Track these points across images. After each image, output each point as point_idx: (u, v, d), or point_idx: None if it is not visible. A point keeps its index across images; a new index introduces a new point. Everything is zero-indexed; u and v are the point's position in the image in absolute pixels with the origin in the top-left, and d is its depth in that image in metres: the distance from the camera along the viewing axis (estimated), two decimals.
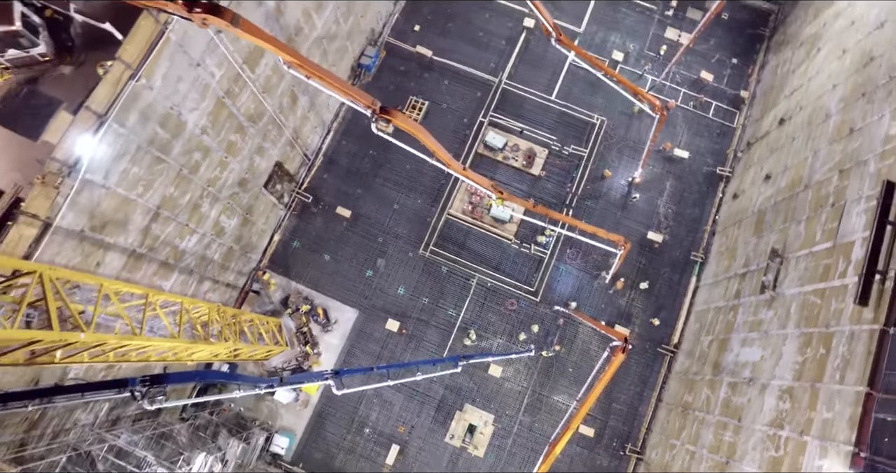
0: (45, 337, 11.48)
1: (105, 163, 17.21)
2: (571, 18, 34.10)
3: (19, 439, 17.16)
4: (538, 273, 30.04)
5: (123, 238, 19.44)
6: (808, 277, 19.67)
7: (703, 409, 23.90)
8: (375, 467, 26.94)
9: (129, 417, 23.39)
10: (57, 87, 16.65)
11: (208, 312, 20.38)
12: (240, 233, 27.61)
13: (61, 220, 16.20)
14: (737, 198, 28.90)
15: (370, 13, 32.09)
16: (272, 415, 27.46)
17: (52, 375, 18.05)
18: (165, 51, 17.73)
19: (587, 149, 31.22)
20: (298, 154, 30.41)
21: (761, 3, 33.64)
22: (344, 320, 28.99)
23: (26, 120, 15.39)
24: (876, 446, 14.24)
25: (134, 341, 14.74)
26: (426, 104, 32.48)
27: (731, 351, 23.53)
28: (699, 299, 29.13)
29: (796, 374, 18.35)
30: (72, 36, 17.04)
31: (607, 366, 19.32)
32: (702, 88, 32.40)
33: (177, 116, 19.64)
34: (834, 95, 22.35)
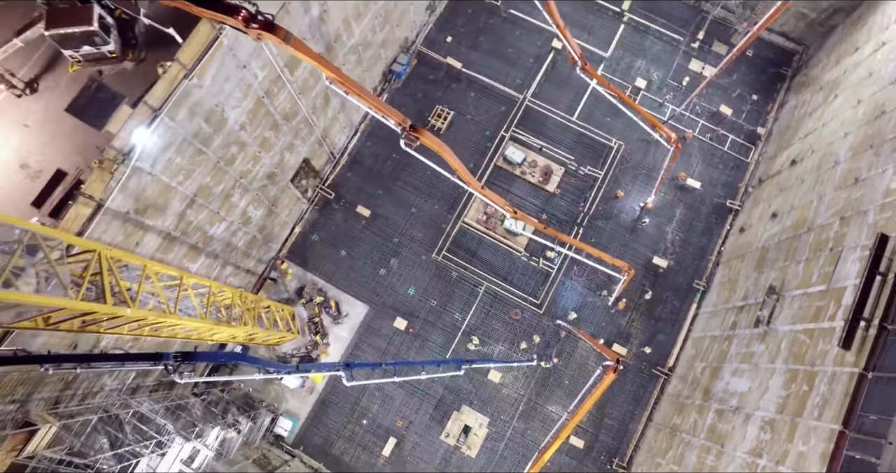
0: (99, 310, 12.91)
1: (153, 152, 18.68)
2: (600, 42, 35.12)
3: (55, 396, 18.72)
4: (544, 286, 31.14)
5: (161, 221, 20.94)
6: (800, 316, 20.58)
7: (689, 432, 24.86)
8: (371, 457, 28.27)
9: (146, 387, 24.97)
10: (120, 82, 18.15)
11: (231, 297, 21.82)
12: (264, 224, 29.08)
13: (111, 202, 17.70)
14: (743, 231, 29.74)
15: (405, 22, 33.37)
16: (278, 398, 28.91)
17: (87, 342, 19.59)
18: (217, 53, 19.15)
19: (602, 171, 32.25)
20: (325, 152, 31.81)
21: (787, 43, 34.36)
22: (354, 314, 30.34)
23: (94, 111, 16.91)
24: None
25: (168, 319, 16.18)
26: (451, 114, 33.72)
27: (722, 379, 24.45)
28: (697, 326, 30.02)
29: (779, 407, 19.30)
30: (136, 34, 18.53)
31: (599, 384, 20.38)
32: (720, 121, 33.23)
33: (220, 113, 21.09)
34: (844, 143, 23.18)
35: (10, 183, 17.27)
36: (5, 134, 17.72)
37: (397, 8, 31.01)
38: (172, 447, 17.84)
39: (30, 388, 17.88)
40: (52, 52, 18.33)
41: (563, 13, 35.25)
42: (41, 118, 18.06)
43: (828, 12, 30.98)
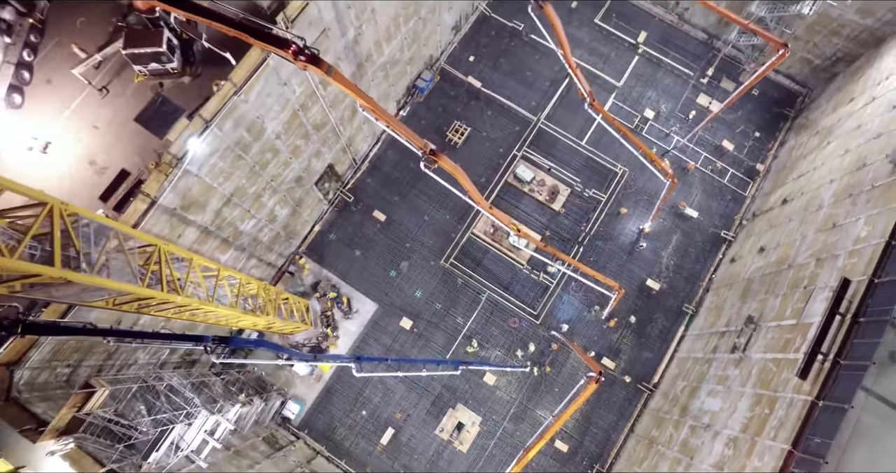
0: (157, 296, 15.28)
1: (201, 157, 21.09)
2: (614, 71, 37.09)
3: (99, 364, 21.23)
4: (543, 298, 33.20)
5: (201, 217, 23.39)
6: (771, 346, 22.49)
7: (665, 444, 26.82)
8: (370, 445, 30.56)
9: (171, 363, 27.49)
10: (178, 94, 20.57)
11: (257, 288, 24.18)
12: (287, 222, 31.49)
13: (163, 199, 20.17)
14: (734, 262, 31.59)
15: (432, 42, 35.61)
16: (288, 383, 31.31)
17: (128, 319, 22.05)
18: (263, 73, 21.51)
19: (606, 194, 34.25)
20: (349, 158, 34.16)
21: (792, 84, 36.08)
22: (364, 311, 32.66)
23: (157, 121, 19.33)
24: None
25: (207, 306, 18.54)
26: (468, 130, 35.90)
27: (699, 398, 26.38)
28: (683, 347, 31.90)
29: (743, 427, 21.27)
30: (194, 53, 20.95)
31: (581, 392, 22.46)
32: (722, 155, 35.06)
33: (260, 124, 23.48)
34: (830, 189, 25.01)
35: (80, 176, 19.78)
36: (79, 133, 20.23)
37: (426, 28, 33.25)
38: (198, 418, 20.23)
39: (81, 356, 20.41)
40: (121, 63, 20.82)
41: (582, 41, 37.57)
42: (108, 121, 20.55)
43: (831, 60, 32.72)
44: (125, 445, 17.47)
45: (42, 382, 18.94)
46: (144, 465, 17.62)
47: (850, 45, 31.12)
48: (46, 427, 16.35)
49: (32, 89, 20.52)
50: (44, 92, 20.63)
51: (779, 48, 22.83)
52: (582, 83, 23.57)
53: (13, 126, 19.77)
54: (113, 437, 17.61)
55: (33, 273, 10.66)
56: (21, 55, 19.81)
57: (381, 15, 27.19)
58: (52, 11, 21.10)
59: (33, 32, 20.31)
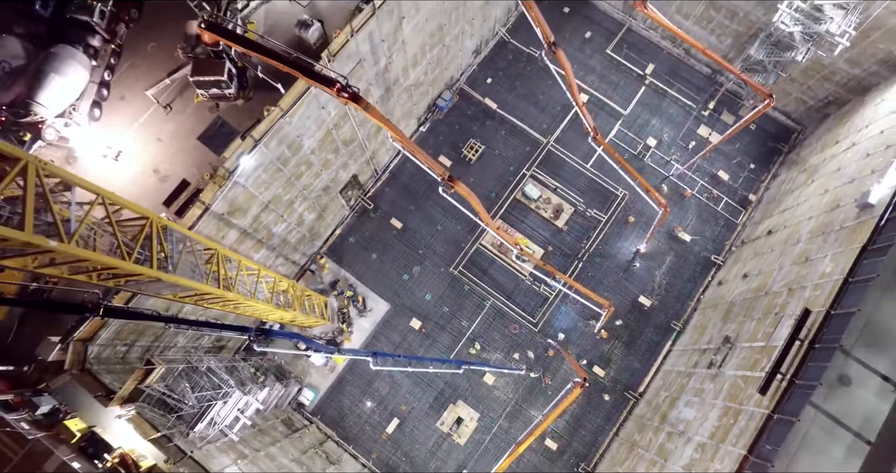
0: (213, 292, 18.30)
1: (248, 170, 24.12)
2: (622, 99, 39.73)
3: (148, 345, 24.39)
4: (542, 308, 35.96)
5: (242, 221, 26.44)
6: (742, 365, 25.11)
7: (644, 448, 29.50)
8: (376, 433, 33.52)
9: (203, 348, 30.65)
10: (232, 115, 23.64)
11: (287, 286, 27.24)
12: (313, 225, 34.53)
13: (214, 206, 23.23)
14: (721, 285, 34.12)
15: (453, 65, 38.48)
16: (304, 372, 34.37)
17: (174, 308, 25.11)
18: (306, 99, 24.49)
19: (606, 215, 36.93)
20: (371, 169, 37.14)
21: (788, 121, 38.48)
22: (377, 310, 35.62)
23: (216, 141, 22.40)
24: None
25: (249, 301, 21.57)
26: (482, 148, 38.72)
27: (677, 408, 29.02)
28: (669, 361, 34.48)
29: (711, 435, 23.92)
30: (248, 79, 24.00)
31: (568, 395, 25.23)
32: (718, 184, 37.58)
33: (299, 141, 26.46)
34: (808, 225, 27.52)
35: (145, 182, 22.91)
36: (145, 144, 23.38)
37: (448, 54, 36.14)
38: (233, 397, 23.25)
39: (136, 337, 23.57)
40: (184, 85, 23.94)
41: (594, 69, 40.27)
42: (171, 135, 23.68)
43: (823, 102, 35.14)
44: (176, 416, 20.54)
45: (105, 357, 22.09)
46: (191, 434, 20.68)
47: (840, 91, 33.55)
48: (114, 395, 19.47)
49: (109, 104, 23.71)
50: (118, 107, 23.81)
51: (765, 97, 25.39)
52: (587, 119, 26.29)
53: (93, 136, 22.93)
54: (165, 408, 20.68)
55: (139, 273, 13.67)
56: (102, 75, 22.97)
57: (410, 45, 30.13)
58: (128, 37, 24.27)
59: (113, 55, 23.49)
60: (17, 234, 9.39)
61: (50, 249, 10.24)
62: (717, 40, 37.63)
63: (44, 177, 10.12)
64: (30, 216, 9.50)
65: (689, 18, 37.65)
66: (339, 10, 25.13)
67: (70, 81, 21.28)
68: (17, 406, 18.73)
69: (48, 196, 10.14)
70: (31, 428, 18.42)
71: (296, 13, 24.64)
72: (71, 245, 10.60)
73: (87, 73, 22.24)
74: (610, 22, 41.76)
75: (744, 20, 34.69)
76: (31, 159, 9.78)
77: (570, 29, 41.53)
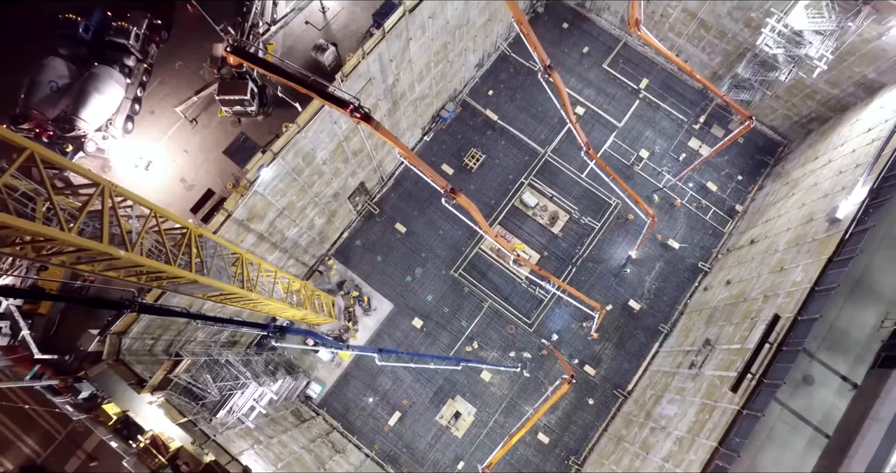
0: (238, 292, 20.43)
1: (266, 180, 26.27)
2: (617, 111, 41.73)
3: (171, 339, 26.58)
4: (537, 310, 38.02)
5: (259, 226, 28.61)
6: (720, 365, 27.12)
7: (630, 442, 31.54)
8: (379, 425, 35.67)
9: (220, 342, 32.83)
10: (252, 130, 25.79)
11: (300, 287, 29.37)
12: (322, 229, 36.68)
13: (236, 213, 25.40)
14: (706, 290, 36.09)
15: (457, 78, 40.55)
16: (312, 367, 36.53)
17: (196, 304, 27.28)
18: (320, 116, 26.63)
19: (599, 223, 38.96)
20: (377, 176, 39.27)
21: (775, 135, 40.40)
22: (381, 309, 37.75)
23: (240, 154, 24.55)
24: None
25: (266, 300, 23.70)
26: (483, 157, 40.79)
27: (661, 405, 31.03)
28: (656, 362, 36.48)
29: (689, 429, 25.95)
30: (267, 97, 26.15)
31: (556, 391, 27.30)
32: (707, 194, 39.53)
33: (313, 153, 28.60)
34: (785, 236, 29.49)
35: (173, 190, 25.09)
36: (173, 155, 25.56)
37: (452, 68, 38.22)
38: (249, 388, 25.41)
39: (161, 331, 25.77)
40: (208, 101, 26.10)
41: (591, 82, 42.31)
42: (196, 147, 25.85)
43: (807, 118, 37.05)
44: (200, 404, 22.70)
45: (135, 349, 24.28)
46: (213, 420, 22.84)
47: (821, 109, 35.47)
48: (146, 383, 21.65)
49: (140, 118, 25.91)
50: (148, 120, 26.01)
51: (745, 118, 27.36)
52: (580, 135, 28.34)
53: (126, 148, 25.14)
54: (190, 396, 22.85)
55: (180, 276, 15.81)
56: (135, 92, 25.17)
57: (417, 62, 32.23)
58: (158, 57, 26.46)
59: (145, 74, 25.68)
60: (97, 245, 11.53)
61: (118, 257, 12.39)
62: (708, 58, 39.58)
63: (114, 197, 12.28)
64: (107, 230, 11.65)
65: (682, 36, 39.62)
66: (352, 33, 27.25)
67: (108, 99, 23.46)
68: (62, 390, 20.95)
69: (118, 212, 12.30)
70: (74, 411, 20.62)
71: (311, 36, 26.78)
72: (134, 254, 12.75)
73: (122, 90, 24.44)
74: (607, 37, 43.75)
75: (732, 40, 36.65)
76: (107, 184, 11.93)
77: (569, 43, 43.55)
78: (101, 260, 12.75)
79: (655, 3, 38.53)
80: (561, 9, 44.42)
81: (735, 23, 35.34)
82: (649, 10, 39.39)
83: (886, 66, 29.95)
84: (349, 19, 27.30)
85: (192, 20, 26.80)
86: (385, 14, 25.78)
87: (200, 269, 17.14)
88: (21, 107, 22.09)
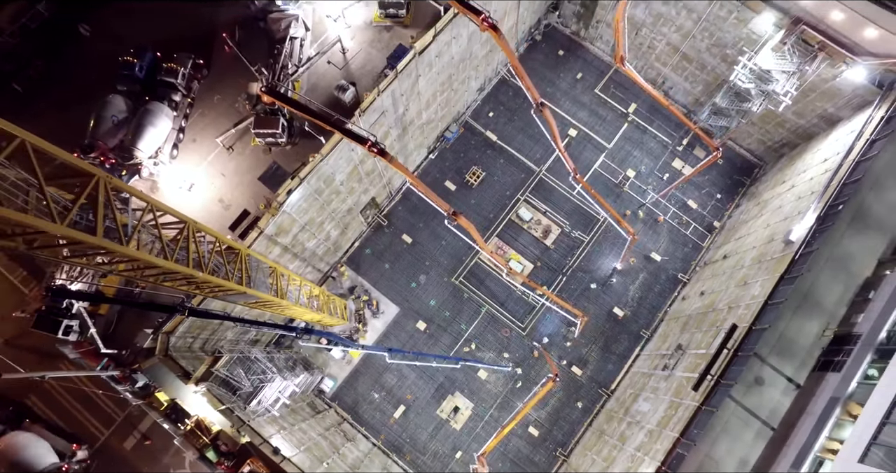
0: (272, 300, 24.23)
1: (293, 201, 30.10)
2: (607, 133, 45.37)
3: (206, 338, 30.46)
4: (530, 315, 41.74)
5: (284, 239, 32.45)
6: (688, 367, 30.79)
7: (610, 435, 35.23)
8: (384, 418, 39.47)
9: (244, 341, 36.70)
10: (282, 157, 29.62)
11: (318, 292, 33.19)
12: (337, 239, 40.51)
13: (266, 230, 29.24)
14: (684, 300, 39.73)
15: (460, 102, 44.29)
16: (325, 364, 40.37)
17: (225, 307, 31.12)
18: (340, 145, 30.41)
19: (588, 237, 42.66)
20: (387, 192, 43.06)
21: (752, 157, 44.00)
22: (389, 312, 41.55)
23: (273, 181, 28.37)
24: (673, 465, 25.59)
25: (293, 306, 27.51)
26: (484, 174, 44.52)
27: (638, 402, 34.71)
28: (637, 364, 40.14)
29: (658, 423, 29.64)
30: (294, 128, 29.97)
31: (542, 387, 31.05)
32: (688, 211, 43.16)
33: (332, 176, 32.40)
34: (750, 254, 33.10)
35: (212, 210, 28.94)
36: (212, 179, 29.41)
37: (456, 94, 41.97)
38: (275, 381, 29.23)
39: (199, 331, 29.65)
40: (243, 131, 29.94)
41: (585, 105, 46.04)
42: (232, 171, 29.70)
43: (779, 143, 40.65)
44: (236, 394, 26.55)
45: (178, 346, 28.15)
46: (246, 408, 26.68)
47: (791, 136, 39.06)
48: (191, 375, 25.50)
49: (183, 145, 29.79)
50: (190, 148, 29.88)
51: (714, 150, 30.99)
52: (568, 162, 32.04)
53: (172, 172, 29.03)
54: (227, 387, 26.70)
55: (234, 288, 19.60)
56: (180, 123, 29.05)
57: (424, 94, 36.00)
58: (199, 91, 30.34)
59: (188, 106, 29.56)
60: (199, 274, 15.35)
61: (196, 276, 16.20)
62: (690, 86, 43.21)
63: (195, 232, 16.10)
64: (191, 256, 15.48)
65: (668, 66, 43.25)
66: (368, 72, 31.06)
67: (159, 131, 27.32)
68: (121, 380, 24.84)
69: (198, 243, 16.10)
70: (132, 397, 24.50)
71: (333, 74, 30.59)
72: (207, 274, 16.57)
73: (170, 122, 28.31)
74: (599, 63, 47.40)
75: (711, 72, 40.27)
76: (191, 221, 15.74)
77: (564, 69, 47.22)
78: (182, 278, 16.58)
79: (643, 36, 42.18)
80: (558, 36, 48.09)
81: (713, 57, 38.97)
82: (637, 42, 43.04)
83: (842, 103, 33.54)
84: (366, 60, 31.08)
85: (228, 59, 30.65)
86: (398, 57, 29.56)
87: (248, 283, 20.96)
88: (89, 139, 25.97)
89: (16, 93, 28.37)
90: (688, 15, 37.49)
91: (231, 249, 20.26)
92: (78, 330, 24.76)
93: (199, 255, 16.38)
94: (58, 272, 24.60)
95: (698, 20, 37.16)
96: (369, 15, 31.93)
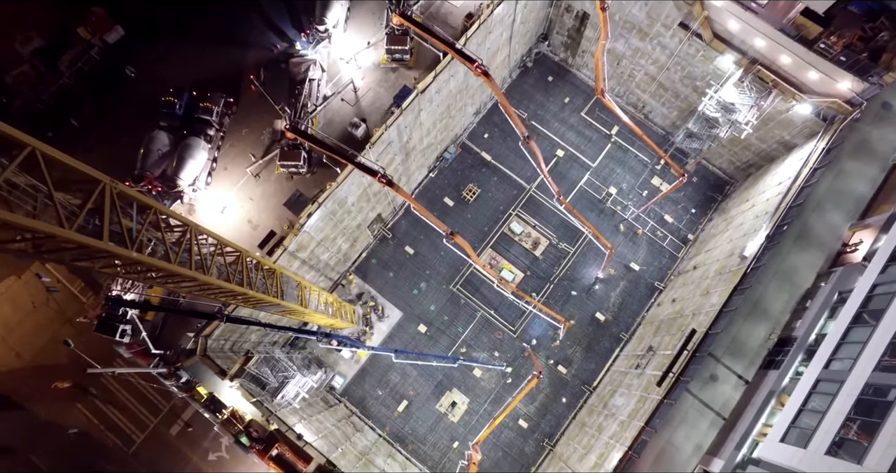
0: (297, 308, 28.62)
1: (312, 222, 34.50)
2: (592, 153, 49.73)
3: (234, 340, 34.89)
4: (520, 319, 46.13)
5: (303, 254, 36.87)
6: (657, 366, 35.16)
7: (590, 426, 39.61)
8: (389, 412, 43.88)
9: (265, 342, 41.13)
10: (302, 183, 33.99)
11: (332, 300, 37.61)
12: (346, 251, 44.92)
13: (290, 247, 33.63)
14: (659, 306, 44.11)
15: (458, 125, 48.69)
16: (336, 363, 44.79)
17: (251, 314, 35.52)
18: (352, 174, 34.79)
19: (574, 248, 47.07)
20: (391, 208, 47.46)
21: (723, 175, 48.39)
22: (393, 316, 45.95)
23: (296, 206, 32.73)
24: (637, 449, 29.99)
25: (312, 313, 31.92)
26: (479, 191, 48.91)
27: (615, 397, 39.09)
28: (617, 363, 44.52)
29: (629, 414, 34.02)
30: (314, 159, 34.36)
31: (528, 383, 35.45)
32: (665, 224, 47.54)
33: (345, 199, 36.80)
34: (714, 266, 37.46)
35: (242, 230, 33.35)
36: (241, 202, 33.82)
37: (454, 120, 46.36)
38: (296, 378, 33.63)
39: (230, 334, 34.09)
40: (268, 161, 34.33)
41: (572, 126, 50.53)
42: (259, 196, 34.10)
43: (746, 163, 45.03)
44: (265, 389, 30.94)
45: (213, 348, 32.59)
46: (273, 401, 31.07)
47: (756, 158, 43.43)
48: (226, 373, 29.91)
49: (216, 173, 34.18)
50: (222, 175, 34.28)
51: (680, 175, 35.32)
52: (552, 186, 36.43)
53: (207, 196, 33.44)
54: (257, 383, 31.10)
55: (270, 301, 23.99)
56: (214, 154, 33.45)
57: (426, 123, 40.41)
58: (230, 125, 34.76)
59: (220, 139, 33.97)
60: (254, 294, 19.75)
61: (245, 294, 20.58)
62: (667, 111, 47.59)
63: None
64: (246, 278, 19.87)
65: (646, 92, 47.63)
66: (377, 109, 35.45)
67: (197, 162, 31.71)
68: (167, 376, 29.26)
69: (248, 269, 20.48)
70: (177, 391, 28.92)
71: (346, 111, 34.98)
72: (258, 292, 20.98)
73: (206, 154, 32.71)
74: (586, 88, 51.76)
75: (685, 100, 44.65)
76: (243, 250, 20.16)
77: (553, 93, 51.59)
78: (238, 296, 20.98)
79: (624, 66, 46.55)
80: (548, 63, 52.47)
81: (685, 88, 43.35)
82: (619, 71, 47.42)
83: (796, 131, 37.91)
84: (375, 98, 35.47)
85: (254, 97, 35.06)
86: (403, 96, 33.96)
87: (282, 295, 25.38)
88: (139, 170, 30.39)
89: (73, 128, 32.74)
90: (662, 50, 41.85)
91: (270, 269, 24.69)
92: (130, 333, 29.16)
93: (252, 278, 20.78)
94: (113, 283, 29.00)
95: (671, 55, 41.52)
96: (377, 57, 36.33)
